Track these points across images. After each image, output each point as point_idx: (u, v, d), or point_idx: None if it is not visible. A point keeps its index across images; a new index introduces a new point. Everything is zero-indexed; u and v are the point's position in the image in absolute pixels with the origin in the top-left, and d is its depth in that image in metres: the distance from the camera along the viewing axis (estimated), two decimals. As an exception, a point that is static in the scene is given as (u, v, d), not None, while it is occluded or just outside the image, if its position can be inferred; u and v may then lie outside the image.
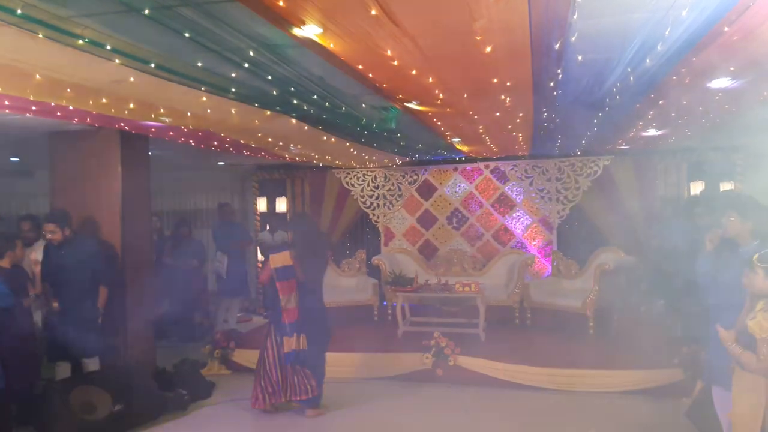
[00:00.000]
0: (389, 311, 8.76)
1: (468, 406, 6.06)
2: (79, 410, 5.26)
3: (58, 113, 4.90)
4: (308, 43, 3.39)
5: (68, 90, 3.94)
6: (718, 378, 4.19)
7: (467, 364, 6.71)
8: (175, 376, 6.42)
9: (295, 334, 5.60)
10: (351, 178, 10.30)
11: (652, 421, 5.44)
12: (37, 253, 6.15)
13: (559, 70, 4.21)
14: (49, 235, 5.82)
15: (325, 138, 6.49)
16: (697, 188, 8.68)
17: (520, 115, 5.70)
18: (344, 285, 9.16)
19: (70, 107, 4.58)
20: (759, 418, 3.36)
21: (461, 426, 5.56)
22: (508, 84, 4.42)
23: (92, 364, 6.01)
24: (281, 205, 10.70)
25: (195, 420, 5.85)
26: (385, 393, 6.51)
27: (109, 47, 3.15)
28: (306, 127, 5.79)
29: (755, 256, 3.49)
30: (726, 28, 3.26)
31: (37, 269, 6.02)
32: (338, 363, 6.80)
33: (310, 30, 3.15)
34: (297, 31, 3.16)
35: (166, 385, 6.12)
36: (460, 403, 6.17)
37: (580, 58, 3.94)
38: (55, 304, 5.75)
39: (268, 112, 5.09)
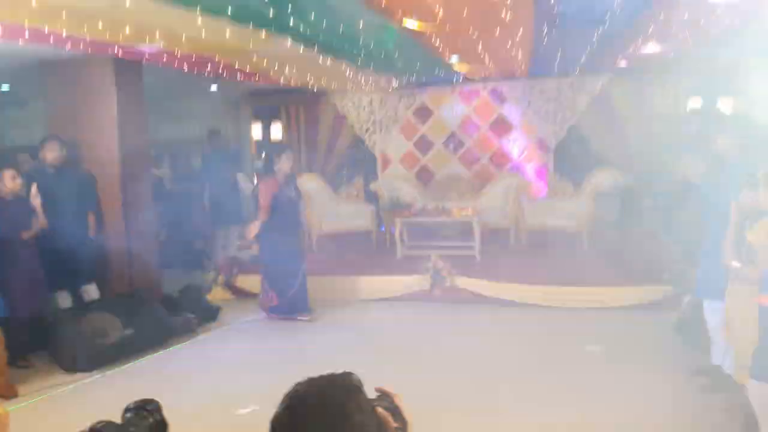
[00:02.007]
0: (387, 236, 8.88)
1: (465, 324, 6.28)
2: (91, 335, 5.43)
3: (51, 39, 4.78)
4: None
5: (63, 15, 3.85)
6: (709, 291, 4.36)
7: (464, 284, 6.91)
8: (182, 301, 6.56)
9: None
10: (346, 103, 10.16)
11: (643, 334, 5.65)
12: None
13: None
14: (53, 154, 5.86)
15: (320, 60, 6.39)
16: (694, 104, 8.60)
17: (520, 31, 5.60)
18: (342, 211, 9.23)
19: (64, 33, 4.48)
20: (756, 326, 3.50)
21: (459, 342, 5.76)
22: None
23: (92, 292, 6.14)
24: (276, 131, 10.61)
25: (203, 342, 6.06)
26: (385, 313, 6.72)
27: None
28: (301, 49, 5.69)
29: (761, 173, 3.50)
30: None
31: (37, 202, 5.93)
32: (338, 285, 6.98)
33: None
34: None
35: (174, 310, 6.28)
36: (457, 321, 6.39)
37: (583, -30, 3.86)
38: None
39: (264, 35, 4.99)
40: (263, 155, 10.38)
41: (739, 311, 3.80)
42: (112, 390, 4.89)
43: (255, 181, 10.57)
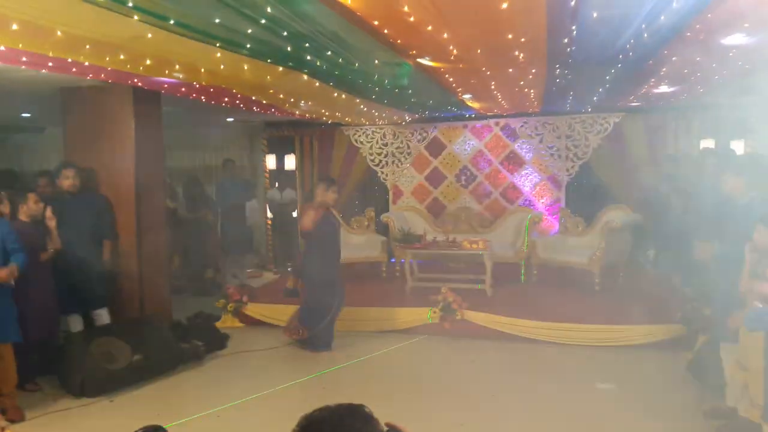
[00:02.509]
0: (398, 268, 8.89)
1: (474, 358, 6.23)
2: (99, 360, 5.44)
3: (74, 69, 4.92)
4: (325, -1, 3.40)
5: (87, 46, 3.96)
6: (725, 331, 4.32)
7: (474, 319, 6.87)
8: (191, 329, 6.58)
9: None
10: (360, 136, 10.30)
11: (655, 374, 5.58)
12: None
13: (573, 27, 4.20)
14: (69, 181, 5.97)
15: (335, 94, 6.50)
16: (707, 146, 8.63)
17: (533, 71, 5.68)
18: (353, 242, 9.28)
19: (86, 63, 4.61)
20: None
21: (468, 376, 5.73)
22: (522, 40, 4.41)
23: (103, 317, 6.18)
24: (290, 162, 10.74)
25: (211, 370, 6.05)
26: (394, 345, 6.69)
27: (130, 4, 3.17)
28: (317, 84, 5.80)
29: None
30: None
31: (52, 224, 6.01)
32: (348, 317, 6.97)
33: (327, -16, 3.16)
34: (315, -14, 3.17)
35: (183, 337, 6.30)
36: (466, 355, 6.35)
37: (595, 14, 3.92)
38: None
39: (281, 69, 5.10)
40: (277, 184, 10.47)
41: (755, 351, 3.77)
42: (120, 415, 4.91)
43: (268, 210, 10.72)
